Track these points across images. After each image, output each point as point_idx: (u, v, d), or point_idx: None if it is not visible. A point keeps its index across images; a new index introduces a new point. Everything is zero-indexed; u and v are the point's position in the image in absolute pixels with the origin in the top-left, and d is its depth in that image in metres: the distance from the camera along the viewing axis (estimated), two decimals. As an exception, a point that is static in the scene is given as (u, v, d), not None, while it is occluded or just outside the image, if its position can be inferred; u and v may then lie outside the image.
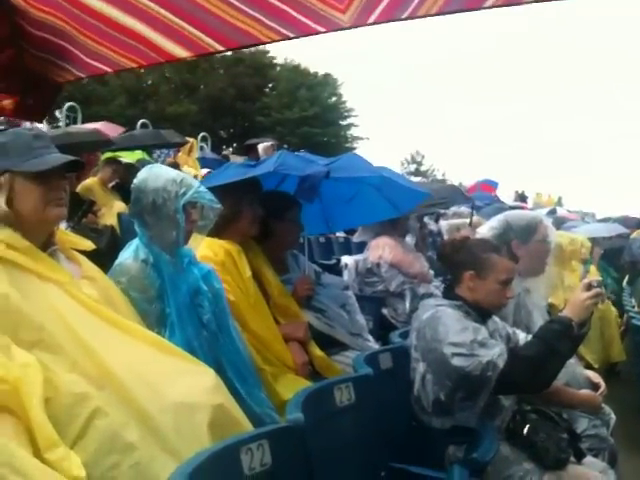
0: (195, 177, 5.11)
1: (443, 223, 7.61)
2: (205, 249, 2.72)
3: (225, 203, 2.60)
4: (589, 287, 2.36)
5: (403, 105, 66.74)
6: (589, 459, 2.51)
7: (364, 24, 2.13)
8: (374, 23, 2.10)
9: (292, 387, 2.48)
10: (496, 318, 2.62)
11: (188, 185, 2.30)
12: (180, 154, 8.93)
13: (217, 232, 2.72)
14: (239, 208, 2.85)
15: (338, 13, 2.13)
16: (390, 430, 2.39)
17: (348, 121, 36.43)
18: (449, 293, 2.62)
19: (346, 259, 5.02)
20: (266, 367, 2.63)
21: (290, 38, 2.31)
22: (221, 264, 2.69)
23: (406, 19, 2.03)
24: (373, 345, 3.30)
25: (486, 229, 3.16)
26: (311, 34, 2.24)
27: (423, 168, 42.14)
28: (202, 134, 13.19)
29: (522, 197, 15.89)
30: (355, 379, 2.18)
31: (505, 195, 15.84)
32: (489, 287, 2.50)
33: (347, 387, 2.06)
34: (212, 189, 2.49)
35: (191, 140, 9.88)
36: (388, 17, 2.07)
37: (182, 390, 1.77)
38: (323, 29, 2.21)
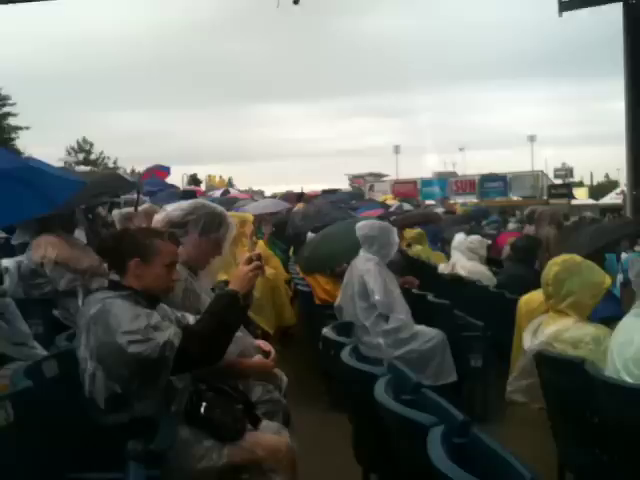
0: None
1: (115, 213, 7.40)
2: None
3: None
4: (250, 261, 2.52)
5: (67, 90, 62.48)
6: (265, 423, 2.67)
7: None
8: None
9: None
10: (164, 305, 2.62)
11: None
12: None
13: None
14: None
15: None
16: (64, 440, 2.24)
17: (4, 110, 33.17)
18: (116, 284, 2.55)
19: (6, 262, 4.55)
20: None
21: None
22: None
23: None
24: (41, 352, 3.07)
25: (172, 208, 3.12)
26: None
27: (92, 156, 40.32)
28: None
29: (196, 180, 16.25)
30: (13, 396, 1.97)
31: (178, 179, 16.07)
32: (155, 271, 2.50)
33: (2, 406, 1.86)
34: None
35: None
36: None
37: None
38: None
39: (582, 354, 2.97)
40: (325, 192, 16.93)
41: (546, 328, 3.28)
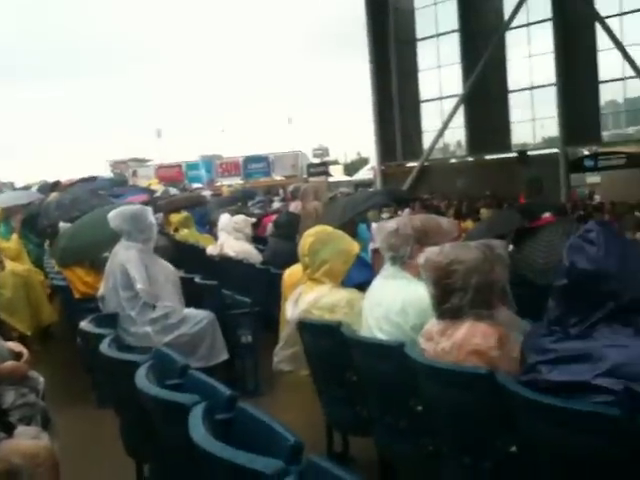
0: None
1: None
2: None
3: None
4: None
5: None
6: (21, 429, 2.47)
7: None
8: None
9: None
10: None
11: None
12: None
13: None
14: None
15: None
16: None
17: None
18: None
19: None
20: None
21: None
22: None
23: None
24: None
25: None
26: None
27: None
28: None
29: None
30: None
31: None
32: None
33: None
34: None
35: None
36: None
37: None
38: None
39: (338, 318, 3.17)
40: (83, 180, 15.90)
41: (305, 296, 3.45)
